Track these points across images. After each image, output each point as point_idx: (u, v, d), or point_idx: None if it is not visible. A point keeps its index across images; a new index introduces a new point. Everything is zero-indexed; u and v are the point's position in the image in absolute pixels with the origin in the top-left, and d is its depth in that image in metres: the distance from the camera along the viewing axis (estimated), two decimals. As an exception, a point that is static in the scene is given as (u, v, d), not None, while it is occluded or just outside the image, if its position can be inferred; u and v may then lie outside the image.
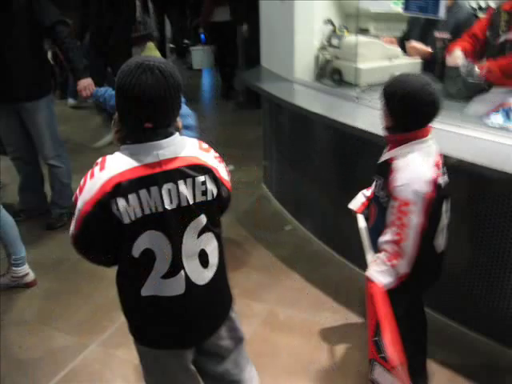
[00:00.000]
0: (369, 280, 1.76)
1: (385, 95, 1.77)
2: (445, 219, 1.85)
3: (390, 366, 1.66)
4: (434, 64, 2.83)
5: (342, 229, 2.89)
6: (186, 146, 1.43)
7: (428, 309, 2.30)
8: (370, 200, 2.06)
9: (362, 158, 2.65)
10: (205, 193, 1.44)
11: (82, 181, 1.39)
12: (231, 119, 5.84)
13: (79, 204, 1.37)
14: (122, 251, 1.42)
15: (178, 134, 1.43)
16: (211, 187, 1.45)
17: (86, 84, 3.19)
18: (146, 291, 1.44)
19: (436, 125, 1.81)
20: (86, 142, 5.03)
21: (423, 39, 3.07)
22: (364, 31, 3.29)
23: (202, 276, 1.49)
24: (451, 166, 1.92)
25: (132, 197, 1.34)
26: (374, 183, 1.92)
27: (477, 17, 3.06)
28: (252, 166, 4.34)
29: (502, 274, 2.21)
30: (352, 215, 2.16)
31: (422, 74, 1.97)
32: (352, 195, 2.20)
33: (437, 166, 1.75)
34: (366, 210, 2.10)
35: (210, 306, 1.56)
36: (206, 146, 1.51)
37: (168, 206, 1.38)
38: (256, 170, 4.20)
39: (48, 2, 3.13)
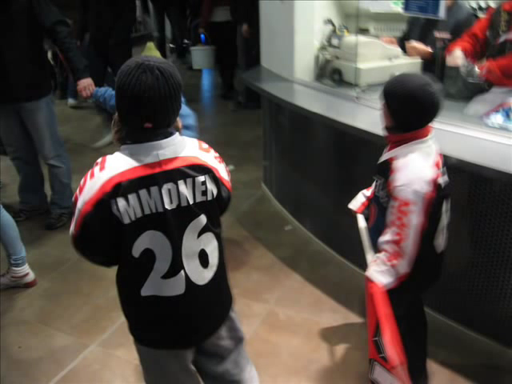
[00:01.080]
0: (369, 280, 1.76)
1: (385, 95, 1.77)
2: (445, 219, 1.85)
3: (390, 366, 1.66)
4: (433, 64, 2.83)
5: (341, 229, 2.88)
6: (186, 146, 1.43)
7: (428, 309, 2.31)
8: (370, 200, 2.06)
9: (362, 158, 2.65)
10: (205, 193, 1.44)
11: (82, 181, 1.39)
12: (231, 119, 5.83)
13: (79, 204, 1.37)
14: (122, 251, 1.42)
15: (177, 133, 1.43)
16: (211, 187, 1.45)
17: (85, 84, 3.19)
18: (145, 291, 1.44)
19: (436, 125, 1.81)
20: (86, 142, 5.03)
21: (423, 39, 3.07)
22: (364, 31, 3.29)
23: (202, 276, 1.49)
24: (451, 165, 1.92)
25: (132, 197, 1.34)
26: (374, 183, 1.92)
27: (477, 17, 3.06)
28: (252, 165, 4.34)
29: (501, 274, 2.21)
30: (352, 215, 2.16)
31: (422, 74, 1.96)
32: (352, 195, 2.20)
33: (437, 165, 1.75)
34: (366, 210, 2.10)
35: (210, 306, 1.56)
36: (206, 146, 1.51)
37: (168, 206, 1.38)
38: (256, 170, 4.20)
39: (48, 2, 3.13)
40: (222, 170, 1.52)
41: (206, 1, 5.94)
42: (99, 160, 1.40)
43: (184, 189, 1.39)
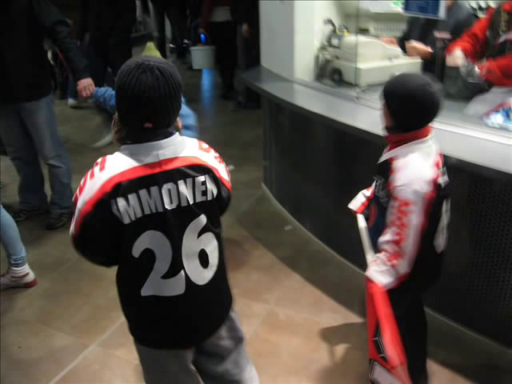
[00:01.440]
0: (369, 280, 1.76)
1: (385, 95, 1.77)
2: (445, 219, 1.85)
3: (390, 366, 1.66)
4: (434, 64, 2.83)
5: (342, 229, 2.89)
6: (186, 146, 1.43)
7: (428, 309, 2.31)
8: (370, 200, 2.06)
9: (362, 158, 2.65)
10: (205, 193, 1.44)
11: (82, 181, 1.39)
12: (231, 119, 5.83)
13: (79, 204, 1.37)
14: (122, 251, 1.42)
15: (177, 133, 1.43)
16: (211, 187, 1.45)
17: (85, 84, 3.19)
18: (145, 291, 1.44)
19: (436, 125, 1.81)
20: (86, 142, 5.03)
21: (423, 39, 3.07)
22: (364, 31, 3.29)
23: (202, 276, 1.49)
24: (451, 165, 1.92)
25: (132, 197, 1.34)
26: (374, 183, 1.92)
27: (477, 17, 3.06)
28: (252, 165, 4.34)
29: (501, 274, 2.21)
30: (352, 215, 2.16)
31: (422, 74, 1.96)
32: (352, 195, 2.20)
33: (437, 165, 1.75)
34: (366, 210, 2.10)
35: (210, 306, 1.56)
36: (206, 146, 1.51)
37: (168, 206, 1.38)
38: (256, 170, 4.20)
39: (48, 2, 3.13)
40: (222, 170, 1.51)
41: (206, 1, 5.94)
42: (99, 160, 1.40)
43: (184, 189, 1.39)
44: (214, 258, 1.52)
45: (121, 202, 1.34)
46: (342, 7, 3.34)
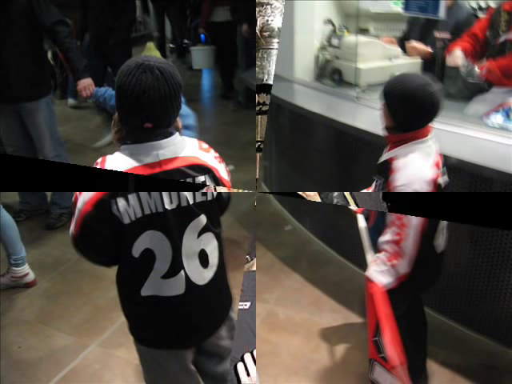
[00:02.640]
0: (369, 280, 1.76)
1: (385, 95, 1.77)
2: (445, 219, 1.85)
3: (389, 366, 1.66)
4: (434, 64, 2.83)
5: (342, 229, 2.89)
6: (186, 146, 1.44)
7: (428, 309, 2.31)
8: (370, 200, 2.06)
9: (362, 158, 2.65)
10: (205, 193, 1.44)
11: (82, 181, 1.39)
12: (231, 119, 5.83)
13: (79, 204, 1.37)
14: (121, 251, 1.42)
15: (177, 133, 1.43)
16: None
17: (85, 84, 3.18)
18: (145, 291, 1.44)
19: (436, 125, 1.81)
20: (86, 142, 5.03)
21: (423, 39, 3.07)
22: (364, 31, 3.30)
23: (202, 276, 1.50)
24: (451, 165, 1.92)
25: (132, 197, 1.34)
26: (374, 183, 1.92)
27: (477, 17, 3.06)
28: (252, 165, 4.33)
29: (501, 274, 2.21)
30: (352, 215, 2.16)
31: (422, 74, 1.97)
32: (352, 195, 2.19)
33: (437, 165, 1.75)
34: (366, 209, 2.10)
35: (210, 306, 1.56)
36: (206, 146, 1.52)
37: (168, 206, 1.38)
38: (256, 170, 4.19)
39: (48, 2, 3.12)
40: (222, 170, 1.52)
41: (206, 1, 5.94)
42: (99, 160, 1.41)
43: (184, 189, 1.40)
44: (213, 258, 1.52)
45: (121, 201, 1.34)
46: (342, 7, 3.34)
